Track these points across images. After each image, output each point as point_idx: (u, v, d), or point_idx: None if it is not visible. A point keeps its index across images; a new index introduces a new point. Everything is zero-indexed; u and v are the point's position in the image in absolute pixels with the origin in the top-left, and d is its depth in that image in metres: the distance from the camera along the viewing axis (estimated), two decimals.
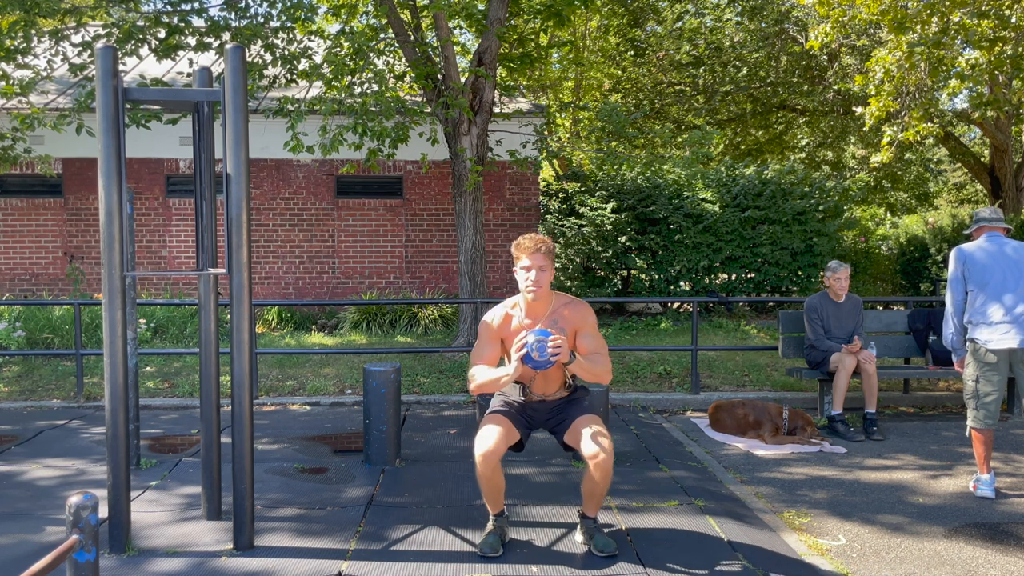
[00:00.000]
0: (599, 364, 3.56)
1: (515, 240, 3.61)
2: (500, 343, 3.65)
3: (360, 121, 8.05)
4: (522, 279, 3.56)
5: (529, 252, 3.52)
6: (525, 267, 3.54)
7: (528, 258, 3.52)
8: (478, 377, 3.55)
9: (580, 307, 3.66)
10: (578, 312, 3.64)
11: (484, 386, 3.52)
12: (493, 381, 3.50)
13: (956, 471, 5.21)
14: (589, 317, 3.65)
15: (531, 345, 3.35)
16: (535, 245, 3.53)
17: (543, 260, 3.52)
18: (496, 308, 3.71)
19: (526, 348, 3.36)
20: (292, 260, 11.93)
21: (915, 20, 8.99)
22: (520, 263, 3.56)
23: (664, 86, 19.80)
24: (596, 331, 3.66)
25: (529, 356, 3.36)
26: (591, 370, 3.53)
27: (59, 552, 2.01)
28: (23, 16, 7.81)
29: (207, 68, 4.15)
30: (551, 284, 3.73)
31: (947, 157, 25.68)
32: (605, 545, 3.58)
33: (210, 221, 3.97)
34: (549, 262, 3.54)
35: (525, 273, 3.54)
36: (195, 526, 3.95)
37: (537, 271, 3.52)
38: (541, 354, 3.34)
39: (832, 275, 6.54)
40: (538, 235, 3.59)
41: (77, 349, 7.09)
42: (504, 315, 3.66)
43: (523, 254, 3.54)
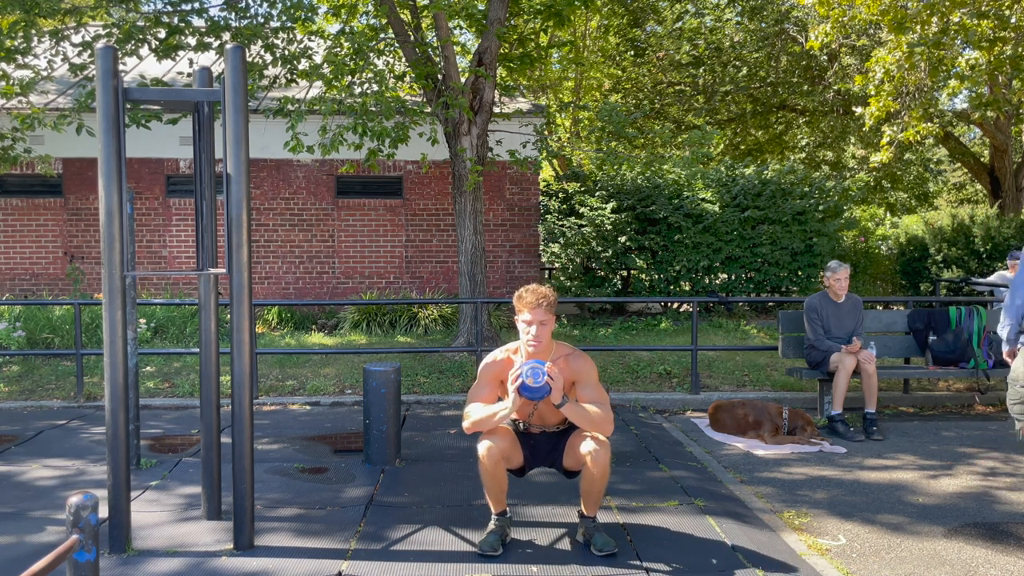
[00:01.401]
0: (597, 412, 3.47)
1: (517, 292, 3.58)
2: (499, 385, 3.63)
3: (360, 121, 8.05)
4: (522, 331, 3.55)
5: (531, 307, 3.49)
6: (526, 321, 3.51)
7: (530, 313, 3.50)
8: (473, 414, 3.53)
9: (580, 358, 3.62)
10: (577, 363, 3.61)
11: (480, 423, 3.50)
12: (489, 416, 3.48)
13: (956, 471, 5.21)
14: (589, 368, 3.61)
15: (525, 373, 3.35)
16: (536, 300, 3.49)
17: (544, 315, 3.49)
18: (497, 351, 3.70)
19: (521, 377, 3.35)
20: (292, 260, 11.93)
21: (915, 20, 8.99)
22: (521, 316, 3.53)
23: (664, 86, 19.80)
24: (597, 383, 3.61)
25: (525, 385, 3.35)
26: (588, 417, 3.46)
27: (59, 552, 2.01)
28: (23, 16, 7.81)
29: (207, 68, 4.16)
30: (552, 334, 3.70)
31: (947, 157, 25.68)
32: (604, 544, 3.59)
33: (210, 221, 3.97)
34: (550, 316, 3.52)
35: (526, 326, 3.52)
36: (195, 526, 3.95)
37: (538, 326, 3.49)
38: (536, 380, 3.33)
39: (832, 275, 6.54)
40: (540, 288, 3.55)
41: (77, 349, 7.09)
42: (505, 359, 3.64)
43: (525, 308, 3.51)
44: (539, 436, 3.77)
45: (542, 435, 3.77)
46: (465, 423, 3.55)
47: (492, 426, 3.52)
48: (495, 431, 3.55)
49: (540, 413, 3.70)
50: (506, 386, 3.53)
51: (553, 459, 3.78)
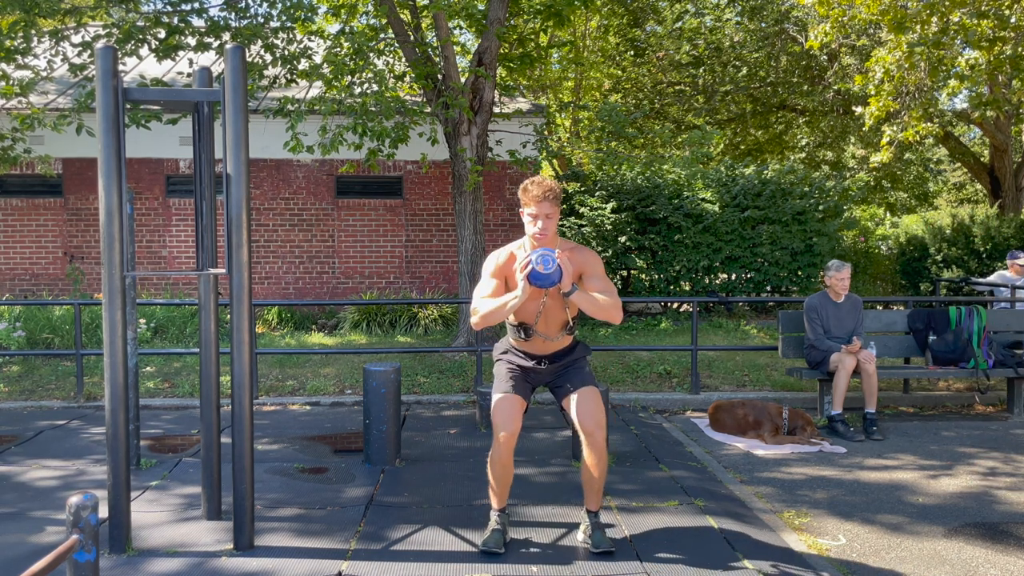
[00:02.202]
0: (607, 299, 3.43)
1: (522, 185, 3.51)
2: (504, 282, 3.57)
3: (360, 121, 8.05)
4: (528, 224, 3.49)
5: (536, 200, 3.43)
6: (532, 214, 3.46)
7: (535, 206, 3.44)
8: (482, 308, 3.45)
9: (586, 251, 3.60)
10: (584, 255, 3.58)
11: (489, 315, 3.42)
12: (498, 308, 3.40)
13: (956, 471, 5.21)
14: (595, 260, 3.59)
15: (535, 259, 3.28)
16: (543, 193, 3.43)
17: (550, 208, 3.44)
18: (501, 248, 3.65)
19: (531, 263, 3.29)
20: (292, 260, 11.93)
21: (915, 20, 8.99)
22: (527, 209, 3.47)
23: (664, 86, 19.80)
24: (603, 275, 3.58)
25: (535, 272, 3.28)
26: (598, 303, 3.41)
27: (59, 552, 2.01)
28: (23, 16, 7.81)
29: (207, 68, 4.15)
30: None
31: (947, 157, 25.68)
32: (600, 542, 3.59)
33: (210, 221, 3.97)
34: (556, 209, 3.47)
35: (532, 220, 3.46)
36: (195, 526, 3.95)
37: (544, 219, 3.45)
38: (546, 266, 3.26)
39: (836, 275, 6.54)
40: (546, 181, 3.49)
41: (77, 349, 7.09)
42: (509, 254, 3.59)
43: (531, 202, 3.45)
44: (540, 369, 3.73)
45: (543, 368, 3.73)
46: (474, 319, 3.47)
47: (503, 317, 3.44)
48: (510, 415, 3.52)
49: (546, 312, 3.61)
50: (512, 281, 3.48)
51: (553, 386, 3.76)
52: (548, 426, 6.19)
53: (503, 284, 3.57)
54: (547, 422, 6.33)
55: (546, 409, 6.82)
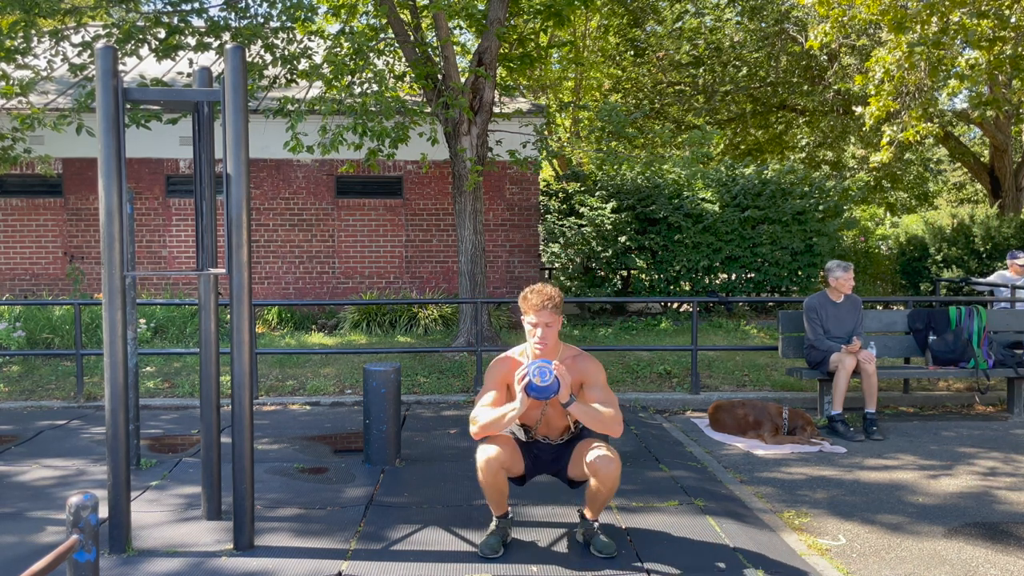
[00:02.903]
0: (607, 412, 3.41)
1: (522, 293, 3.53)
2: (506, 390, 3.57)
3: (360, 121, 8.05)
4: (529, 334, 3.51)
5: (536, 309, 3.45)
6: (532, 323, 3.47)
7: (535, 315, 3.46)
8: (481, 418, 3.45)
9: (588, 359, 3.59)
10: (585, 364, 3.57)
11: (487, 426, 3.42)
12: (497, 419, 3.41)
13: (956, 471, 5.21)
14: (597, 369, 3.57)
15: (532, 371, 3.29)
16: (542, 302, 3.44)
17: (550, 317, 3.45)
18: (503, 355, 3.66)
19: (528, 376, 3.30)
20: (292, 260, 11.93)
21: (915, 20, 8.99)
22: (527, 318, 3.49)
23: (664, 86, 19.80)
24: (605, 385, 3.56)
25: (532, 384, 3.29)
26: (596, 416, 3.40)
27: (59, 552, 2.01)
28: (23, 16, 7.81)
29: (207, 68, 4.15)
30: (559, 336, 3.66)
31: (947, 157, 25.69)
32: (604, 547, 3.58)
33: (210, 221, 3.97)
34: (556, 318, 3.48)
35: (532, 328, 3.48)
36: (195, 526, 3.95)
37: (544, 328, 3.46)
38: (543, 378, 3.27)
39: (843, 275, 6.54)
40: (545, 289, 3.50)
41: (77, 349, 7.09)
42: (511, 362, 3.59)
43: (530, 310, 3.47)
44: (543, 446, 3.74)
45: (546, 445, 3.74)
46: (473, 428, 3.47)
47: (501, 429, 3.45)
48: (496, 439, 3.52)
49: (547, 419, 3.64)
50: (513, 390, 3.47)
51: (557, 469, 3.75)
52: None
53: (504, 393, 3.57)
54: None
55: None
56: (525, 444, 3.73)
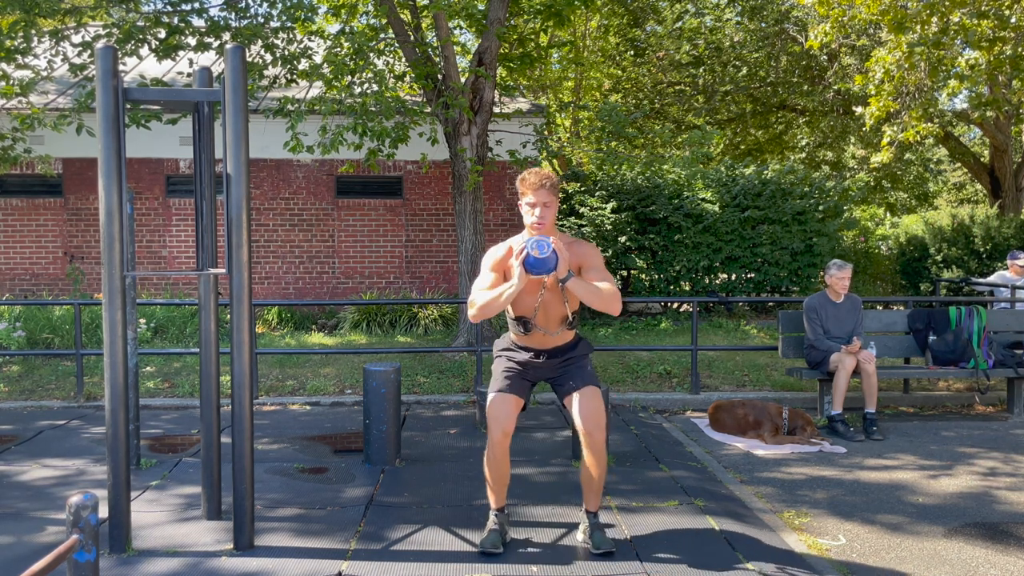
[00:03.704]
0: (606, 287, 3.38)
1: (520, 175, 3.53)
2: (502, 276, 3.55)
3: (360, 121, 8.05)
4: (527, 214, 3.49)
5: (534, 188, 3.45)
6: (530, 203, 3.46)
7: (533, 194, 3.45)
8: (479, 300, 3.43)
9: (585, 244, 3.59)
10: (583, 248, 3.57)
11: (486, 306, 3.40)
12: (495, 299, 3.39)
13: (956, 471, 5.21)
14: (594, 252, 3.57)
15: (530, 245, 3.26)
16: (540, 180, 3.45)
17: (548, 196, 3.45)
18: (499, 244, 3.65)
19: (526, 249, 3.27)
20: (292, 260, 11.93)
21: (915, 20, 8.99)
22: (525, 199, 3.48)
23: (664, 86, 19.80)
24: (603, 267, 3.54)
25: (530, 257, 3.25)
26: (596, 291, 3.38)
27: (59, 552, 2.01)
28: (23, 16, 7.81)
29: (207, 68, 4.15)
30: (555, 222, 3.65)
31: (947, 157, 25.68)
32: (601, 542, 3.58)
33: (210, 221, 3.97)
34: (554, 198, 3.47)
35: (530, 208, 3.47)
36: (195, 526, 3.95)
37: (542, 207, 3.45)
38: (542, 251, 3.24)
39: (837, 274, 6.54)
40: (543, 170, 3.51)
41: (77, 349, 7.09)
42: (507, 248, 3.57)
43: (528, 190, 3.46)
44: (540, 364, 3.70)
45: (543, 362, 3.69)
46: (471, 311, 3.45)
47: (500, 308, 3.41)
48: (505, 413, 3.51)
49: (544, 305, 3.59)
50: (511, 275, 3.45)
51: (554, 382, 3.73)
52: (548, 426, 6.19)
53: (501, 277, 3.55)
54: (547, 422, 6.33)
55: (546, 409, 6.82)
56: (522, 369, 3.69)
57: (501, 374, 3.69)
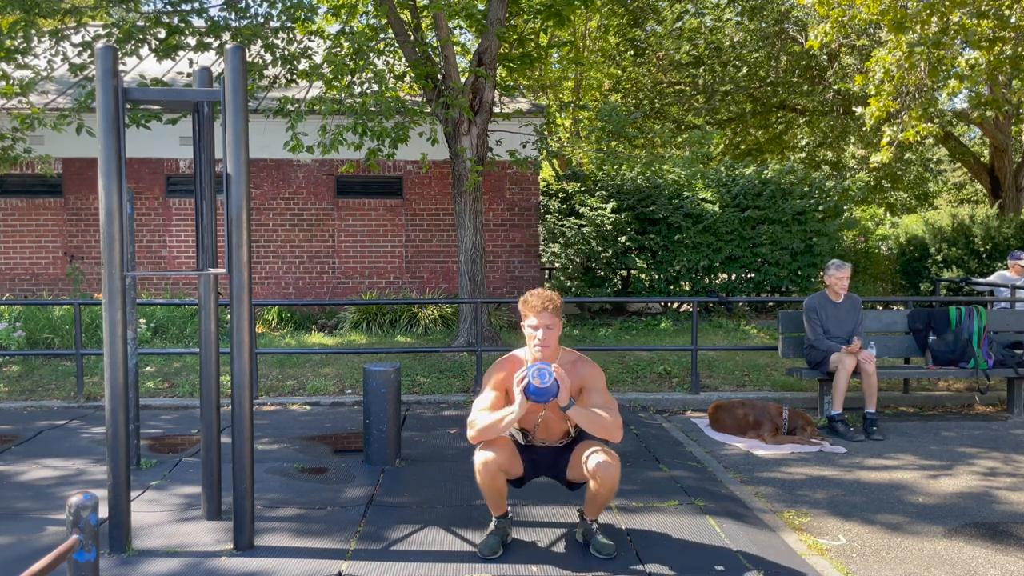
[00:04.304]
0: (607, 417, 3.39)
1: (522, 296, 3.53)
2: (504, 395, 3.55)
3: (360, 121, 8.05)
4: (529, 337, 3.50)
5: (536, 311, 3.45)
6: (532, 326, 3.46)
7: (535, 317, 3.45)
8: (479, 422, 3.42)
9: (588, 364, 3.58)
10: (585, 368, 3.56)
11: (486, 429, 3.40)
12: (495, 423, 3.39)
13: (956, 471, 5.21)
14: (597, 374, 3.56)
15: (531, 373, 3.28)
16: (542, 304, 3.44)
17: (550, 319, 3.45)
18: (503, 358, 3.65)
19: (527, 377, 3.29)
20: (292, 260, 11.93)
21: (915, 20, 8.99)
22: (527, 321, 3.48)
23: (664, 86, 19.81)
24: (605, 389, 3.55)
25: (531, 386, 3.28)
26: (596, 420, 3.38)
27: (59, 552, 2.01)
28: (23, 16, 7.81)
29: (207, 68, 4.15)
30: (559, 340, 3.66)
31: (947, 157, 25.69)
32: (602, 548, 3.58)
33: (210, 221, 3.97)
34: (557, 320, 3.47)
35: (532, 331, 3.47)
36: (195, 526, 3.95)
37: (544, 330, 3.45)
38: (543, 380, 3.26)
39: (835, 274, 6.53)
40: (546, 292, 3.50)
41: (77, 349, 7.09)
42: (511, 365, 3.57)
43: (531, 313, 3.46)
44: (541, 450, 3.72)
45: (544, 449, 3.72)
46: (471, 432, 3.45)
47: (499, 432, 3.43)
48: (494, 442, 3.50)
49: (546, 423, 3.63)
50: (512, 394, 3.45)
51: (555, 472, 3.74)
52: None
53: (503, 396, 3.54)
54: None
55: None
56: (524, 447, 3.72)
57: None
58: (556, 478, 3.77)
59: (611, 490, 3.49)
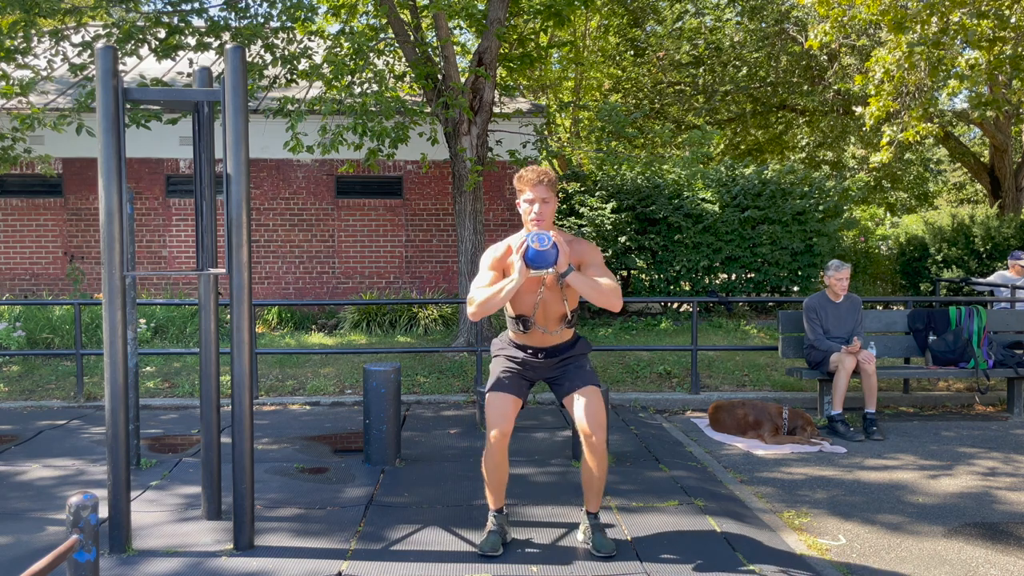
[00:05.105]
0: (606, 282, 3.37)
1: (517, 173, 3.52)
2: (501, 274, 3.53)
3: (360, 121, 8.05)
4: (525, 212, 3.48)
5: (532, 184, 3.44)
6: (528, 200, 3.46)
7: (531, 191, 3.44)
8: (478, 297, 3.40)
9: (584, 243, 3.58)
10: (582, 246, 3.56)
11: (485, 303, 3.37)
12: (495, 294, 3.36)
13: (956, 471, 5.21)
14: (594, 251, 3.56)
15: (531, 239, 3.26)
16: (538, 177, 3.44)
17: (546, 192, 3.44)
18: (499, 242, 3.63)
19: (526, 242, 3.27)
20: (292, 260, 11.93)
21: (915, 20, 8.99)
22: (523, 196, 3.48)
23: (664, 86, 19.81)
24: (602, 264, 3.54)
25: (530, 250, 3.25)
26: (596, 285, 3.36)
27: (59, 552, 2.01)
28: (23, 16, 7.81)
29: (207, 68, 4.15)
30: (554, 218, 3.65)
31: (947, 157, 25.69)
32: (602, 545, 3.58)
33: (210, 221, 3.97)
34: (552, 194, 3.46)
35: (528, 206, 3.46)
36: (195, 526, 3.95)
37: (540, 203, 3.44)
38: (542, 243, 3.23)
39: (835, 274, 6.53)
40: (540, 167, 3.50)
41: (77, 349, 7.09)
42: (507, 247, 3.56)
43: (526, 187, 3.46)
44: (539, 363, 3.69)
45: (542, 361, 3.68)
46: (470, 308, 3.43)
47: (499, 304, 3.37)
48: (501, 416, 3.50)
49: (544, 303, 3.58)
50: (510, 272, 3.44)
51: (553, 382, 3.72)
52: (548, 426, 6.19)
53: (500, 276, 3.54)
54: (547, 422, 6.33)
55: (546, 409, 6.82)
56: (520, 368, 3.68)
57: (499, 373, 3.68)
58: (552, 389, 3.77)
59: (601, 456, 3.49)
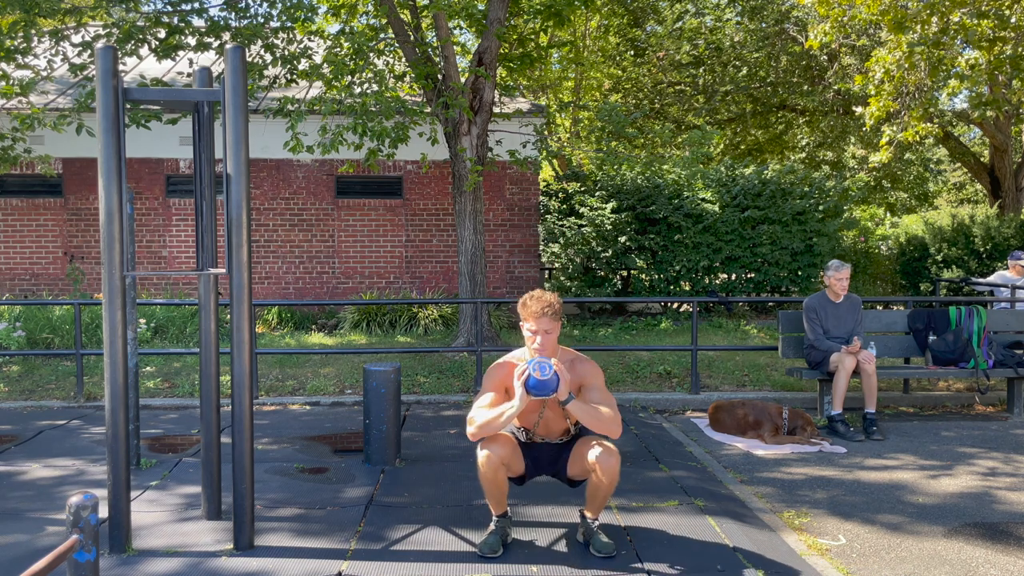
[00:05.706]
0: (606, 412, 3.41)
1: (521, 299, 3.52)
2: (504, 393, 3.55)
3: (360, 121, 8.05)
4: (528, 340, 3.50)
5: (535, 316, 3.44)
6: (531, 330, 3.47)
7: (534, 322, 3.45)
8: (479, 418, 3.42)
9: (586, 362, 3.59)
10: (584, 367, 3.57)
11: (485, 426, 3.40)
12: (495, 418, 3.39)
13: (956, 471, 5.21)
14: (596, 372, 3.57)
15: (532, 366, 3.28)
16: (541, 309, 3.44)
17: (549, 324, 3.44)
18: (502, 360, 3.65)
19: (528, 370, 3.29)
20: (292, 260, 11.93)
21: (915, 20, 8.99)
22: (526, 325, 3.49)
23: (664, 86, 19.81)
24: (604, 387, 3.56)
25: (531, 379, 3.27)
26: (596, 415, 3.39)
27: (59, 552, 2.01)
28: (23, 16, 7.81)
29: (207, 68, 4.16)
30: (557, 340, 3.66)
31: (947, 157, 25.69)
32: (603, 547, 3.58)
33: (210, 221, 3.97)
34: (555, 324, 3.47)
35: (531, 336, 3.47)
36: (195, 526, 3.95)
37: (543, 335, 3.45)
38: (543, 372, 3.26)
39: (835, 274, 6.53)
40: (545, 295, 3.49)
41: (77, 349, 7.08)
42: (510, 365, 3.57)
43: (530, 318, 3.46)
44: (542, 447, 3.73)
45: (545, 446, 3.73)
46: (470, 429, 3.45)
47: (499, 428, 3.43)
48: (495, 438, 3.51)
49: (546, 421, 3.63)
50: (511, 393, 3.45)
51: (556, 469, 3.75)
52: None
53: (503, 395, 3.54)
54: None
55: None
56: (525, 445, 3.73)
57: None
58: (557, 476, 3.78)
59: (612, 481, 3.49)
